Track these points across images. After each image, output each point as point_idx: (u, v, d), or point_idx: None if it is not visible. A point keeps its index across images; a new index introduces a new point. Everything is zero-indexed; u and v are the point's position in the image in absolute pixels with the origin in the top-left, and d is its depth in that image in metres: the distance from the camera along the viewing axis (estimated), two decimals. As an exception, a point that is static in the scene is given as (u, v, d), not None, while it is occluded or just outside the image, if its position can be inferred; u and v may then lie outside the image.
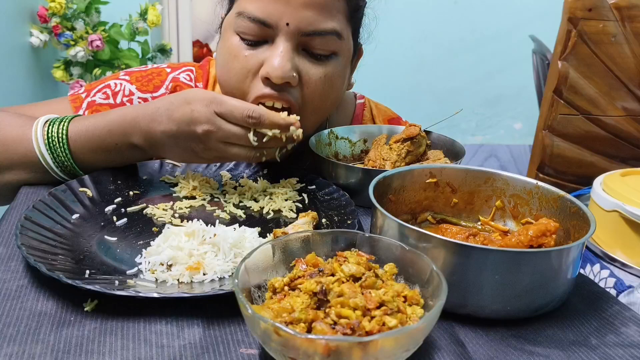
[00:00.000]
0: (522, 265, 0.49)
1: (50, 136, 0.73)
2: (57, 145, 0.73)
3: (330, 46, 0.76)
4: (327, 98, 0.80)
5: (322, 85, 0.77)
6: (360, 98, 1.03)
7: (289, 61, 0.73)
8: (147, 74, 0.91)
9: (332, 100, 0.82)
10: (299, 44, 0.75)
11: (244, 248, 0.58)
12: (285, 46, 0.73)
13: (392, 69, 2.82)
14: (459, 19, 3.04)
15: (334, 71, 0.78)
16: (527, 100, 2.88)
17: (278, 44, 0.73)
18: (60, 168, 0.74)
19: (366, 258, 0.48)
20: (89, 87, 0.90)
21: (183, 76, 0.92)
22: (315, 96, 0.77)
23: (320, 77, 0.76)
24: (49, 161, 0.73)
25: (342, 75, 0.82)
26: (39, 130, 0.73)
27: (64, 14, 1.97)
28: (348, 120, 1.01)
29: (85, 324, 0.48)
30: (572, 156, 1.51)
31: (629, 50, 1.40)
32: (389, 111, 1.06)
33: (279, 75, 0.72)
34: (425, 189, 0.67)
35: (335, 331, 0.40)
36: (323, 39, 0.75)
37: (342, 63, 0.80)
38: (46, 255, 0.54)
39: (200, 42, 2.60)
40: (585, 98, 1.45)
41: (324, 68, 0.77)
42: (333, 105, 0.84)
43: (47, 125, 0.74)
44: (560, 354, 0.48)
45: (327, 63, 0.77)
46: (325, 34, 0.74)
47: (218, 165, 0.83)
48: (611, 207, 0.94)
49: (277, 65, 0.72)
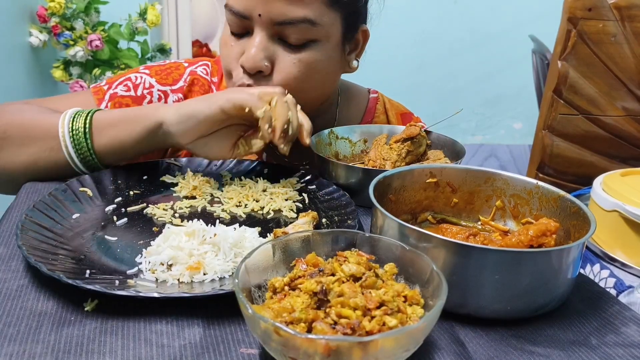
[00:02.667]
0: (522, 265, 0.49)
1: (74, 128, 0.74)
2: (81, 131, 0.74)
3: (304, 34, 0.78)
4: (305, 81, 0.81)
5: (296, 70, 0.79)
6: (373, 93, 1.05)
7: (262, 51, 0.77)
8: (165, 67, 0.95)
9: (313, 83, 0.83)
10: (274, 33, 0.78)
11: (244, 248, 0.58)
12: (260, 36, 0.78)
13: (391, 68, 2.82)
14: (459, 19, 3.04)
15: (312, 56, 0.80)
16: (527, 100, 2.88)
17: (255, 35, 0.78)
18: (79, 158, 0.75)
19: (366, 258, 0.48)
20: (110, 80, 0.93)
21: (200, 70, 0.95)
22: (290, 80, 0.79)
23: (294, 63, 0.79)
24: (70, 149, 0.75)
25: (326, 60, 0.82)
26: (67, 119, 0.75)
27: (64, 14, 1.97)
28: (361, 114, 1.03)
29: (85, 324, 0.48)
30: (572, 156, 1.51)
31: (629, 50, 1.40)
32: (401, 106, 1.08)
33: (251, 65, 0.77)
34: (426, 189, 0.67)
35: (335, 331, 0.40)
36: (295, 28, 0.77)
37: (323, 48, 0.81)
38: (46, 255, 0.54)
39: (200, 41, 2.60)
40: (585, 98, 1.45)
41: (298, 55, 0.79)
42: (319, 87, 0.85)
43: (73, 117, 0.75)
44: (560, 353, 0.48)
45: (303, 50, 0.79)
46: (297, 22, 0.77)
47: (218, 165, 0.83)
48: (611, 207, 0.94)
49: (250, 56, 0.77)
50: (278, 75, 0.79)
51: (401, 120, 1.04)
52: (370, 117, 1.02)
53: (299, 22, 0.77)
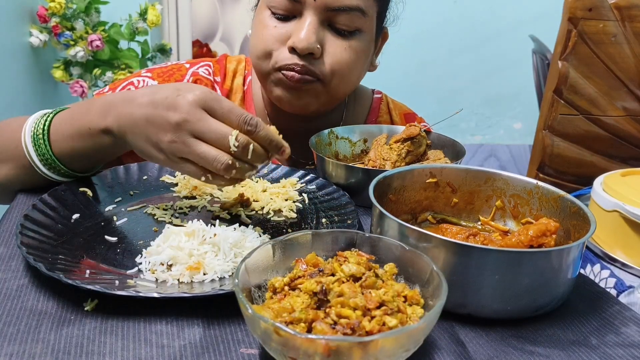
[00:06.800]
0: (522, 265, 0.49)
1: (36, 128, 0.69)
2: (39, 137, 0.69)
3: (354, 22, 0.81)
4: (352, 69, 0.84)
5: (347, 56, 0.82)
6: (377, 93, 1.07)
7: (314, 34, 0.79)
8: (167, 69, 0.95)
9: (356, 73, 0.86)
10: (325, 19, 0.80)
11: (244, 248, 0.58)
12: (311, 20, 0.79)
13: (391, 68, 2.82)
14: (459, 19, 3.04)
15: (358, 46, 0.83)
16: (526, 100, 2.88)
17: (305, 18, 0.79)
18: (42, 162, 0.70)
19: (366, 258, 0.48)
20: (113, 86, 0.92)
21: (202, 70, 0.96)
22: (342, 66, 0.82)
23: (345, 49, 0.82)
24: (32, 156, 0.69)
25: (366, 53, 0.86)
26: (29, 124, 0.70)
27: (64, 14, 1.97)
28: (365, 113, 1.04)
29: (85, 323, 0.48)
30: (572, 156, 1.51)
31: (629, 50, 1.40)
32: (404, 107, 1.09)
33: (304, 46, 0.78)
34: (426, 189, 0.67)
35: (335, 331, 0.40)
36: (348, 15, 0.80)
37: (366, 40, 0.84)
38: (46, 255, 0.54)
39: (200, 41, 2.60)
40: (585, 98, 1.45)
41: (347, 42, 0.82)
42: (357, 79, 0.89)
43: (38, 118, 0.71)
44: (560, 353, 0.48)
45: (351, 38, 0.82)
46: (351, 10, 0.79)
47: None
48: (611, 207, 0.94)
49: (303, 37, 0.78)
50: (329, 58, 0.81)
51: (405, 120, 1.05)
52: (375, 117, 1.03)
53: (353, 10, 0.79)
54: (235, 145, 0.58)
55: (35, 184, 0.73)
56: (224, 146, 0.59)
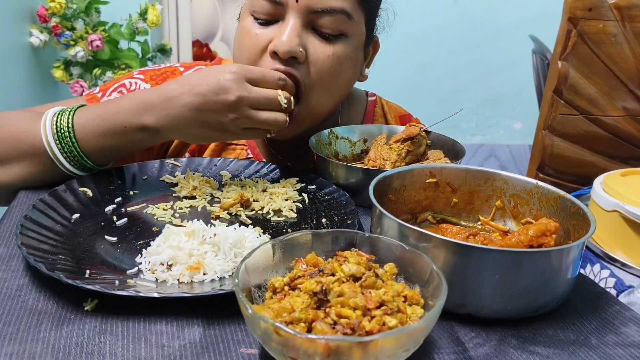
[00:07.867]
0: (522, 265, 0.49)
1: (58, 126, 0.72)
2: (65, 135, 0.72)
3: (339, 26, 0.77)
4: (337, 78, 0.80)
5: (330, 63, 0.78)
6: (371, 96, 1.05)
7: (297, 37, 0.75)
8: (160, 72, 0.93)
9: (341, 82, 0.82)
10: (308, 22, 0.77)
11: (244, 248, 0.58)
12: (294, 22, 0.75)
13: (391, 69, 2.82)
14: (459, 19, 3.04)
15: (343, 52, 0.79)
16: (526, 100, 2.88)
17: (287, 21, 0.76)
18: (68, 159, 0.73)
19: (366, 258, 0.48)
20: (104, 87, 0.91)
21: None
22: (324, 74, 0.78)
23: (329, 55, 0.78)
24: (56, 152, 0.72)
25: (353, 59, 0.82)
26: (48, 121, 0.73)
27: (64, 14, 1.97)
28: (360, 117, 1.02)
29: (85, 323, 0.48)
30: (572, 156, 1.51)
31: (629, 50, 1.40)
32: (399, 108, 1.07)
33: (286, 49, 0.74)
34: (425, 189, 0.67)
35: (335, 331, 0.40)
36: (332, 17, 0.76)
37: (352, 45, 0.80)
38: (46, 255, 0.54)
39: (200, 42, 2.60)
40: (585, 98, 1.45)
41: (332, 47, 0.78)
42: (343, 88, 0.85)
43: (55, 116, 0.73)
44: (560, 353, 0.48)
45: (336, 43, 0.78)
46: (334, 12, 0.76)
47: (218, 165, 0.83)
48: (611, 207, 0.94)
49: (284, 40, 0.74)
50: (313, 67, 0.77)
51: (400, 122, 1.04)
52: (370, 121, 1.02)
53: (337, 12, 0.76)
54: (285, 102, 0.71)
55: (50, 181, 0.74)
56: (276, 106, 0.71)
